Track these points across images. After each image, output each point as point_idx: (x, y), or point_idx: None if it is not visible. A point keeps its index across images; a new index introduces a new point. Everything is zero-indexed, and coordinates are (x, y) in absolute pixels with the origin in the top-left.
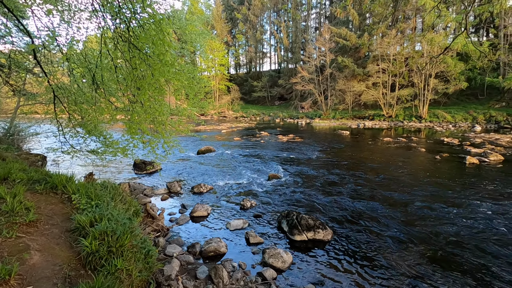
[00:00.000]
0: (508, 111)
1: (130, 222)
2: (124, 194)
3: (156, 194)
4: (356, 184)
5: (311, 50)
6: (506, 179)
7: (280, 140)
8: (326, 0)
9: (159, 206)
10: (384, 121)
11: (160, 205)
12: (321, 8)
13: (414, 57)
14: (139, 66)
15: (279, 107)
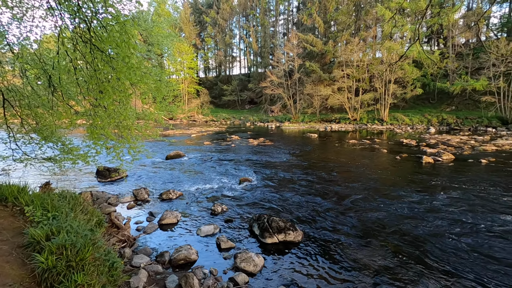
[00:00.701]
0: (457, 114)
1: (92, 234)
2: (85, 204)
3: (122, 202)
4: (324, 185)
5: (280, 55)
6: (457, 176)
7: (251, 144)
8: (294, 7)
9: (125, 215)
10: (349, 124)
11: (126, 214)
12: (289, 14)
13: (374, 64)
14: (102, 69)
15: (250, 110)
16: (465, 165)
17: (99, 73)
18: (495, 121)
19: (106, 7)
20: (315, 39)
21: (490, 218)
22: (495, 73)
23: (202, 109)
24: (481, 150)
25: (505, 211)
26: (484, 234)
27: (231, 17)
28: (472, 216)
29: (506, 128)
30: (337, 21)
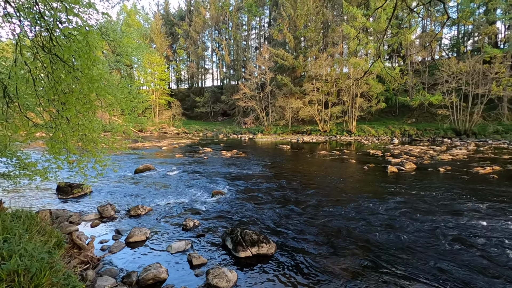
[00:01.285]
0: (417, 126)
1: (50, 256)
2: (43, 223)
3: (85, 220)
4: (297, 196)
5: (252, 68)
6: (418, 184)
7: (224, 156)
8: (265, 23)
9: (89, 233)
10: (320, 136)
11: (90, 233)
12: (260, 29)
13: (341, 78)
14: (65, 79)
15: (222, 122)
16: (425, 174)
17: (59, 84)
18: (450, 132)
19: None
20: (286, 53)
21: (449, 223)
22: (448, 89)
23: (173, 121)
24: (439, 159)
25: (460, 215)
26: (445, 238)
27: (203, 30)
28: (433, 221)
29: (460, 139)
30: (306, 37)
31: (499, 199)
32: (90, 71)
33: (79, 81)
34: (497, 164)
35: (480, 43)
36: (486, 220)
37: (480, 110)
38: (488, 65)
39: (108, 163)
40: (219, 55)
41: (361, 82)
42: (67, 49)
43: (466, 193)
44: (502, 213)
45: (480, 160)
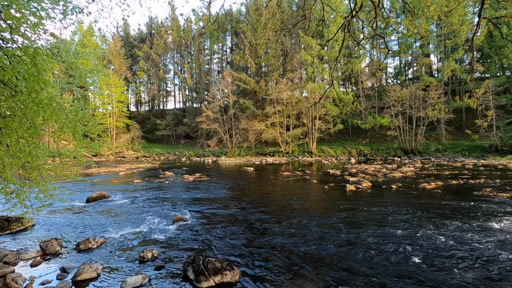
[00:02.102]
0: (371, 146)
1: None
2: None
3: (24, 259)
4: (261, 219)
5: (215, 92)
6: (374, 201)
7: (186, 180)
8: (227, 48)
9: (28, 274)
10: (283, 157)
11: (30, 273)
12: (223, 54)
13: (301, 102)
14: (4, 103)
15: (185, 145)
16: (380, 191)
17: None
18: (399, 151)
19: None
20: (248, 78)
21: (405, 238)
22: (395, 112)
23: (132, 144)
24: (391, 177)
25: (410, 228)
26: (404, 250)
27: (165, 52)
28: (389, 237)
29: (408, 157)
30: (267, 63)
31: (443, 213)
32: (38, 94)
33: (24, 105)
34: (440, 180)
35: (419, 72)
36: (432, 231)
37: (422, 131)
38: (425, 92)
39: (56, 192)
40: (181, 78)
41: (319, 105)
42: (10, 70)
43: (415, 208)
44: (445, 225)
45: (425, 177)
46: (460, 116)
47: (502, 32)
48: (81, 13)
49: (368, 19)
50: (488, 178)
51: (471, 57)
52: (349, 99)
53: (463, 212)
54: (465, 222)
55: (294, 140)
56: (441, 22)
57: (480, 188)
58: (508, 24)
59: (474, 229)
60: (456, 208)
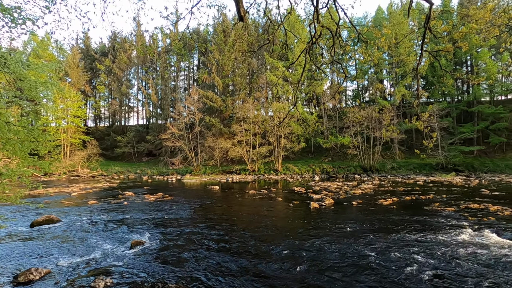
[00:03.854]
0: (333, 164)
1: None
2: None
3: None
4: (226, 239)
5: (181, 108)
6: (336, 218)
7: (148, 200)
8: (194, 65)
9: None
10: (249, 175)
11: None
12: (190, 71)
13: (265, 121)
14: None
15: (148, 163)
16: (342, 208)
17: None
18: (359, 169)
19: None
20: (215, 96)
21: (363, 251)
22: (354, 132)
23: (89, 162)
24: (352, 194)
25: (369, 244)
26: (363, 265)
27: (128, 67)
28: (351, 253)
29: (367, 175)
30: (234, 82)
31: (398, 228)
32: None
33: None
34: (395, 196)
35: (374, 96)
36: (388, 246)
37: (379, 150)
38: (380, 114)
39: None
40: (145, 93)
41: (284, 124)
42: None
43: (374, 223)
44: (400, 239)
45: (382, 193)
46: (411, 137)
47: (441, 64)
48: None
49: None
50: (436, 193)
51: (417, 83)
52: (312, 119)
53: (416, 226)
54: (418, 235)
55: (260, 158)
56: (391, 52)
57: (429, 203)
58: (446, 57)
59: (426, 242)
60: (409, 222)
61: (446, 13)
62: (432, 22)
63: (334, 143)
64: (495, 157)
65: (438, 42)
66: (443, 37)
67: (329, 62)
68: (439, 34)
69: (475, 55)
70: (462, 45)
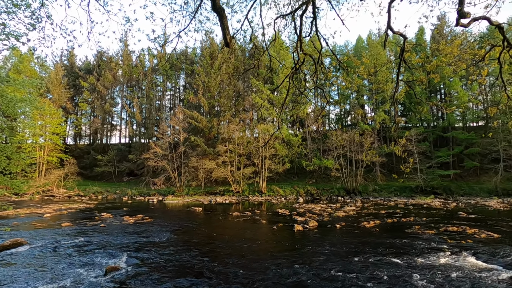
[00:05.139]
0: (317, 186)
1: None
2: None
3: None
4: (207, 264)
5: (165, 128)
6: (320, 241)
7: (126, 222)
8: (181, 85)
9: None
10: (233, 196)
11: None
12: (176, 91)
13: (250, 142)
14: None
15: (128, 183)
16: (325, 230)
17: None
18: (342, 191)
19: None
20: (200, 116)
21: (347, 277)
22: (337, 154)
23: (65, 181)
24: (335, 216)
25: (355, 268)
26: None
27: (113, 85)
28: (334, 277)
29: (350, 197)
30: (219, 103)
31: (381, 251)
32: None
33: None
34: (377, 218)
35: (356, 120)
36: (370, 269)
37: (361, 173)
38: (361, 138)
39: None
40: (129, 112)
41: (269, 146)
42: None
43: (357, 246)
44: (382, 262)
45: (365, 215)
46: (392, 160)
47: (416, 92)
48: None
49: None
50: (417, 216)
51: (395, 110)
52: (296, 141)
53: (398, 249)
54: (400, 259)
55: (245, 179)
56: (371, 79)
57: (410, 226)
58: (420, 85)
59: (407, 266)
60: (392, 245)
61: (419, 46)
62: (406, 54)
63: (318, 165)
64: (470, 180)
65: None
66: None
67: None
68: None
69: (447, 84)
70: (433, 76)
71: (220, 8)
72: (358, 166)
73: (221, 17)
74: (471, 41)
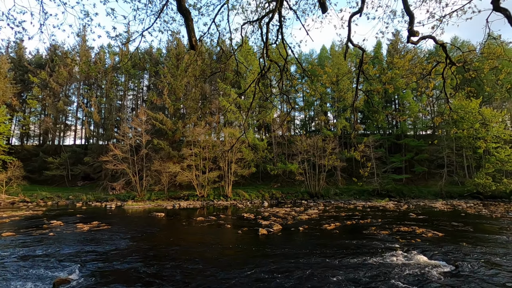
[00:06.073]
0: (282, 190)
1: None
2: None
3: None
4: (167, 273)
5: (126, 129)
6: (284, 244)
7: (80, 230)
8: (144, 86)
9: None
10: (197, 201)
11: None
12: (139, 91)
13: (216, 145)
14: None
15: (83, 188)
16: (289, 234)
17: None
18: (306, 194)
19: None
20: (165, 118)
21: (307, 278)
22: (302, 159)
23: (8, 186)
24: (299, 219)
25: (314, 268)
26: None
27: (68, 82)
28: (294, 277)
29: (313, 200)
30: (185, 105)
31: (340, 251)
32: None
33: None
34: (338, 221)
35: (319, 126)
36: (330, 269)
37: (324, 177)
38: (324, 143)
39: None
40: (86, 111)
41: (235, 149)
42: None
43: (318, 248)
44: (341, 263)
45: (327, 218)
46: (352, 165)
47: (373, 101)
48: None
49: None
50: (373, 218)
51: (355, 118)
52: (262, 145)
53: (355, 250)
54: (357, 259)
55: (210, 183)
56: (333, 88)
57: (367, 227)
58: (378, 95)
59: (363, 265)
60: (350, 246)
61: (376, 59)
62: (364, 66)
63: (283, 169)
64: (419, 184)
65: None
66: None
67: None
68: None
69: (401, 95)
70: (388, 87)
71: (186, 10)
72: (321, 171)
73: (187, 19)
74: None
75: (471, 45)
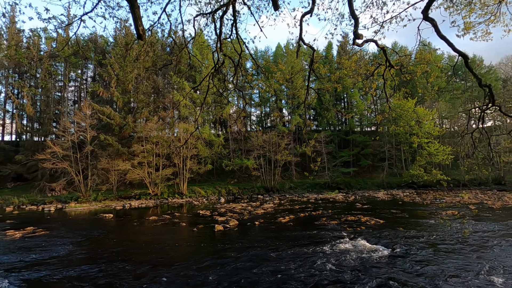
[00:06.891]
0: (239, 185)
1: None
2: None
3: None
4: (118, 275)
5: (68, 124)
6: (240, 239)
7: (10, 238)
8: (89, 76)
9: None
10: (150, 200)
11: None
12: (82, 82)
13: (170, 141)
14: None
15: (15, 190)
16: (245, 228)
17: None
18: (262, 189)
19: None
20: (113, 112)
21: (263, 270)
22: (258, 155)
23: None
24: (255, 214)
25: (269, 260)
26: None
27: None
28: (249, 269)
29: (268, 195)
30: (136, 99)
31: (294, 243)
32: None
33: None
34: (292, 213)
35: (275, 122)
36: (284, 259)
37: (279, 172)
38: (279, 139)
39: None
40: (17, 103)
41: (191, 145)
42: None
43: (273, 240)
44: (294, 253)
45: (282, 211)
46: (305, 159)
47: (324, 99)
48: None
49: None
50: (324, 209)
51: (305, 114)
52: (218, 141)
53: (307, 240)
54: (308, 248)
55: (164, 181)
56: (288, 85)
57: (319, 218)
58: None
59: (314, 253)
60: (303, 237)
61: (326, 59)
62: (315, 65)
63: (239, 165)
64: (365, 176)
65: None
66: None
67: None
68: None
69: (349, 94)
70: (337, 86)
71: None
72: (276, 166)
73: (133, 6)
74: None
75: (407, 50)
